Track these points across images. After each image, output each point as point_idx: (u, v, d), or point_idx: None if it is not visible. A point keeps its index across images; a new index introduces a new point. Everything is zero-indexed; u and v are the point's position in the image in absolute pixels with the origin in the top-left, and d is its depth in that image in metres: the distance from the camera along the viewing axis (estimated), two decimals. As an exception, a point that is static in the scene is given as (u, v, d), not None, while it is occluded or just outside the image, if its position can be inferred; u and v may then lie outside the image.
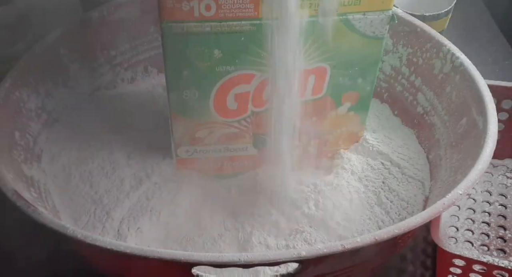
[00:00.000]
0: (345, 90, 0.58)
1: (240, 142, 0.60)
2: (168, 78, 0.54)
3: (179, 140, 0.59)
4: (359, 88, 0.58)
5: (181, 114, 0.57)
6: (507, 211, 0.64)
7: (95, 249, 0.42)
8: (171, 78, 0.54)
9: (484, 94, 0.55)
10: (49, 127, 0.63)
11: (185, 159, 0.61)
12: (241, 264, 0.40)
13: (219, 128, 0.58)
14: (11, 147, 0.55)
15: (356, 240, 0.41)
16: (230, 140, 0.60)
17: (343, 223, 0.56)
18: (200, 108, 0.56)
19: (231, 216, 0.58)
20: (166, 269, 0.44)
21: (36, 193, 0.55)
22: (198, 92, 0.55)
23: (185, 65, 0.53)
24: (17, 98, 0.58)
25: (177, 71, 0.53)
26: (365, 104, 0.61)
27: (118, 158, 0.62)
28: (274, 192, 0.60)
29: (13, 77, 0.57)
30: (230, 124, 0.58)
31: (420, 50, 0.64)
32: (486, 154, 0.49)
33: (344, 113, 0.61)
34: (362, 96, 0.59)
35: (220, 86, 0.55)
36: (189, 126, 0.58)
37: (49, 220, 0.43)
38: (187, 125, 0.58)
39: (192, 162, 0.61)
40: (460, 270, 0.54)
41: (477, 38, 0.92)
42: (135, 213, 0.57)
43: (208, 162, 0.62)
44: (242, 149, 0.61)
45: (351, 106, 0.60)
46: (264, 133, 0.60)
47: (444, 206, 0.45)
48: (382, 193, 0.59)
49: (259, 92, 0.56)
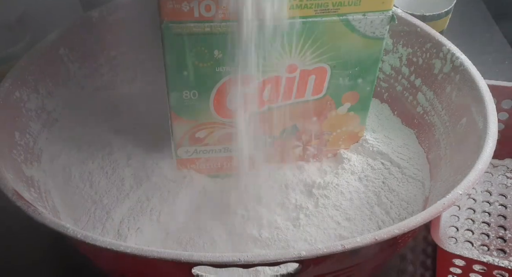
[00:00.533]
0: (345, 90, 0.58)
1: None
2: (168, 78, 0.54)
3: (179, 141, 0.59)
4: (359, 89, 0.58)
5: (181, 114, 0.57)
6: (507, 211, 0.64)
7: (95, 249, 0.42)
8: (171, 78, 0.54)
9: (484, 94, 0.55)
10: (49, 127, 0.63)
11: (185, 159, 0.61)
12: (241, 264, 0.40)
13: (219, 128, 0.58)
14: (11, 147, 0.55)
15: (356, 240, 0.41)
16: (230, 140, 0.60)
17: (343, 223, 0.56)
18: (200, 109, 0.56)
19: (231, 216, 0.58)
20: (166, 269, 0.44)
21: (36, 193, 0.55)
22: (198, 92, 0.55)
23: (185, 66, 0.53)
24: (17, 98, 0.58)
25: (177, 72, 0.53)
26: (365, 104, 0.61)
27: (118, 158, 0.62)
28: (274, 193, 0.60)
29: (13, 77, 0.57)
30: (230, 125, 0.58)
31: (420, 50, 0.64)
32: (486, 154, 0.49)
33: (344, 113, 0.61)
34: (362, 96, 0.59)
35: (220, 87, 0.55)
36: (189, 127, 0.58)
37: (49, 220, 0.43)
38: (187, 126, 0.58)
39: (192, 162, 0.61)
40: (460, 270, 0.54)
41: (477, 38, 0.92)
42: (135, 213, 0.57)
43: (208, 162, 0.62)
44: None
45: (351, 106, 0.60)
46: (265, 133, 0.60)
47: (444, 206, 0.45)
48: (382, 193, 0.59)
49: (259, 92, 0.56)
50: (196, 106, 0.56)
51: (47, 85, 0.63)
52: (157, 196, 0.59)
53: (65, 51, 0.64)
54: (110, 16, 0.68)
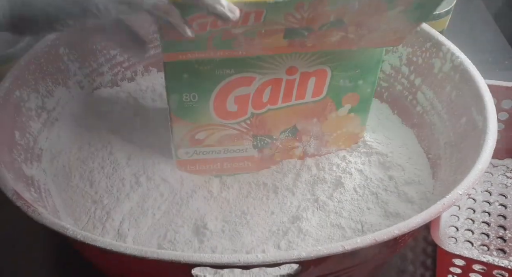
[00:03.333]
0: (345, 92, 0.58)
1: (240, 143, 0.60)
2: (168, 81, 0.54)
3: (179, 142, 0.59)
4: (360, 90, 0.58)
5: (181, 116, 0.57)
6: (507, 211, 0.64)
7: (95, 249, 0.42)
8: (171, 81, 0.54)
9: (484, 93, 0.55)
10: (49, 127, 0.63)
11: (185, 160, 0.61)
12: (241, 265, 0.40)
13: (219, 130, 0.59)
14: (11, 147, 0.55)
15: (356, 241, 0.41)
16: (230, 141, 0.60)
17: (343, 223, 0.56)
18: (200, 111, 0.56)
19: (232, 216, 0.58)
20: (166, 270, 0.44)
21: (36, 193, 0.55)
22: (198, 95, 0.55)
23: (185, 68, 0.53)
24: (17, 98, 0.58)
25: (177, 74, 0.53)
26: (365, 106, 0.61)
27: (118, 158, 0.62)
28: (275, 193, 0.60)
29: (13, 77, 0.57)
30: (229, 126, 0.58)
31: (420, 49, 0.64)
32: (486, 154, 0.49)
33: (345, 114, 0.61)
34: (363, 97, 0.59)
35: (220, 89, 0.55)
36: (189, 129, 0.58)
37: (49, 220, 0.43)
38: (187, 128, 0.58)
39: (193, 163, 0.61)
40: (460, 270, 0.54)
41: (477, 38, 0.92)
42: (135, 213, 0.57)
43: (208, 163, 0.62)
44: (242, 150, 0.61)
45: (352, 108, 0.60)
46: (264, 135, 0.60)
47: (444, 206, 0.45)
48: (382, 193, 0.59)
49: (259, 94, 0.56)
50: (196, 108, 0.56)
51: (47, 84, 0.63)
52: (157, 196, 0.59)
53: (65, 50, 0.64)
54: (110, 16, 0.68)
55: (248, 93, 0.56)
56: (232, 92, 0.55)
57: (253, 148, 0.61)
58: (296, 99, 0.57)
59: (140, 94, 0.72)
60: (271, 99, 0.57)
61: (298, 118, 0.60)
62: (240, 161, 0.62)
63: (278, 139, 0.61)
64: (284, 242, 0.55)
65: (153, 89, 0.73)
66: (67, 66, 0.65)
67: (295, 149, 0.63)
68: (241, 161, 0.62)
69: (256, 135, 0.60)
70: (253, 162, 0.62)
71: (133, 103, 0.70)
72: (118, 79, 0.72)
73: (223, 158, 0.61)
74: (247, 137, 0.60)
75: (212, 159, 0.61)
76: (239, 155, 0.61)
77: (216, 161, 0.62)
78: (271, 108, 0.58)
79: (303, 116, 0.59)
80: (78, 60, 0.67)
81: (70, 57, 0.65)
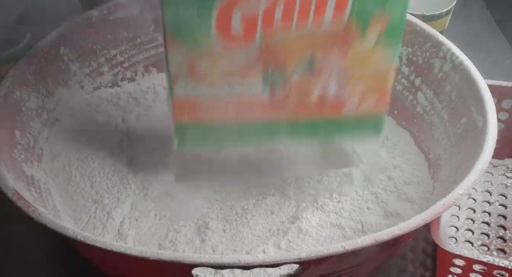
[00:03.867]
0: (373, 10, 0.49)
1: (247, 79, 0.52)
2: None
3: (176, 71, 0.51)
4: (391, 8, 0.49)
5: (177, 36, 0.49)
6: (507, 211, 0.64)
7: (95, 250, 0.42)
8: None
9: (484, 93, 0.55)
10: (49, 127, 0.63)
11: (184, 102, 0.52)
12: (241, 266, 0.40)
13: (222, 57, 0.50)
14: (12, 147, 0.55)
15: (356, 241, 0.41)
16: (235, 76, 0.51)
17: (343, 223, 0.56)
18: (200, 29, 0.48)
19: (233, 216, 0.58)
20: (166, 271, 0.44)
21: (37, 192, 0.55)
22: (198, 7, 0.47)
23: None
24: (17, 98, 0.58)
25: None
26: (397, 32, 0.51)
27: (118, 158, 0.62)
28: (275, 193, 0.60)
29: (13, 77, 0.58)
30: (234, 54, 0.50)
31: (420, 49, 0.64)
32: (486, 154, 0.49)
33: (372, 44, 0.51)
34: (393, 21, 0.50)
35: (223, 4, 0.47)
36: (187, 53, 0.50)
37: (49, 220, 0.43)
38: (185, 53, 0.50)
39: (192, 107, 0.53)
40: (460, 270, 0.54)
41: (477, 38, 0.92)
42: (136, 213, 0.57)
43: (210, 109, 0.53)
44: (249, 89, 0.52)
45: (380, 35, 0.51)
46: (276, 68, 0.52)
47: (444, 206, 0.45)
48: (382, 193, 0.59)
49: (269, 13, 0.48)
50: (195, 25, 0.48)
51: (47, 84, 0.63)
52: (157, 196, 0.59)
53: (65, 50, 0.65)
54: (110, 16, 0.68)
55: (256, 12, 0.48)
56: (237, 5, 0.47)
57: (262, 85, 0.52)
58: (313, 20, 0.49)
59: (140, 94, 0.72)
60: (284, 20, 0.49)
61: (316, 47, 0.51)
62: (247, 107, 0.53)
63: (292, 76, 0.52)
64: (284, 242, 0.54)
65: (154, 89, 0.73)
66: (67, 66, 0.65)
67: (312, 94, 0.54)
68: (248, 107, 0.53)
69: (267, 68, 0.51)
70: (263, 109, 0.54)
71: (133, 103, 0.70)
72: (119, 79, 0.72)
73: (227, 102, 0.53)
74: (255, 71, 0.51)
75: (215, 103, 0.53)
76: (245, 96, 0.52)
77: (218, 106, 0.53)
78: (284, 35, 0.49)
79: (322, 45, 0.51)
80: (78, 60, 0.67)
81: (70, 57, 0.65)
